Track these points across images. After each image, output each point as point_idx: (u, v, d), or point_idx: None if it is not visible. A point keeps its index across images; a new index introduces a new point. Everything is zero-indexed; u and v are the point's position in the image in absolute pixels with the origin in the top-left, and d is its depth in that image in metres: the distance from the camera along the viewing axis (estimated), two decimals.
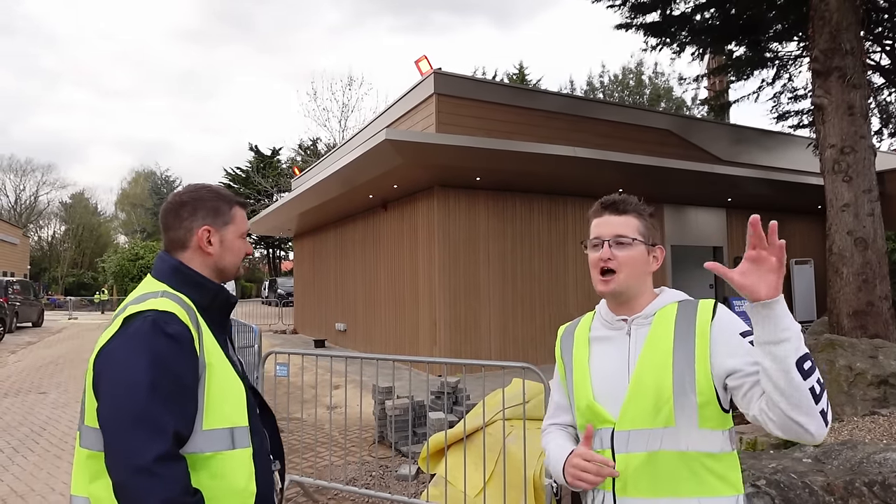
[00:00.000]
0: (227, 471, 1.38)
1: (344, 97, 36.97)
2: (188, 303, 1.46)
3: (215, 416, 1.39)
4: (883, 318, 6.67)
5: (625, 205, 1.53)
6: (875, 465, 3.23)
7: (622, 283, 1.48)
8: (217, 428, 1.39)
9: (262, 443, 1.52)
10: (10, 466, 5.37)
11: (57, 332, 19.88)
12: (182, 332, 1.36)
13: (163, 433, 1.28)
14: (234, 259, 1.59)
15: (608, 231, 1.50)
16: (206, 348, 1.43)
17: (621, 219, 1.51)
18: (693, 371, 1.39)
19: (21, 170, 51.86)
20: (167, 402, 1.30)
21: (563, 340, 1.65)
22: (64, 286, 46.56)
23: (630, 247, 1.48)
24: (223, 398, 1.42)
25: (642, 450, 1.39)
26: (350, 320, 12.97)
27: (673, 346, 1.42)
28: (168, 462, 1.27)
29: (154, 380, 1.30)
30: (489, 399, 4.27)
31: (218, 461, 1.37)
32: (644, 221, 1.53)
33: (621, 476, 1.41)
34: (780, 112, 13.58)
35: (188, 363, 1.36)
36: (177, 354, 1.34)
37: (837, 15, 6.91)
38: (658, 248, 1.54)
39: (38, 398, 8.53)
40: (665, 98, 36.02)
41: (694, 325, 1.43)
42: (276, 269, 46.32)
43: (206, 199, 1.56)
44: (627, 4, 10.09)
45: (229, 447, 1.40)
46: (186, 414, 1.34)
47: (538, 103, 10.63)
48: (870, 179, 6.89)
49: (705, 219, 12.34)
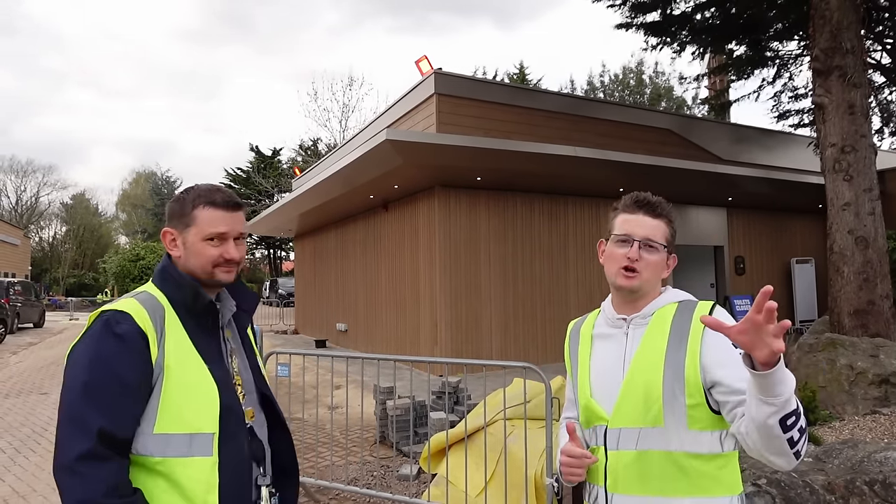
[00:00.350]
0: (181, 479, 1.33)
1: (344, 97, 36.91)
2: (162, 302, 1.44)
3: (170, 421, 1.35)
4: (884, 317, 6.67)
5: (661, 208, 1.52)
6: (876, 464, 3.23)
7: (644, 283, 1.49)
8: (171, 433, 1.34)
9: (238, 454, 1.41)
10: (12, 467, 5.38)
11: (58, 332, 19.89)
12: (130, 332, 1.34)
13: (87, 432, 1.26)
14: (197, 262, 1.48)
15: (640, 231, 1.49)
16: (167, 350, 1.38)
17: (654, 222, 1.50)
18: (683, 373, 1.39)
19: (22, 171, 51.93)
20: (98, 401, 1.29)
21: (571, 337, 1.67)
22: (65, 287, 46.60)
23: (656, 251, 1.49)
24: (183, 402, 1.36)
25: (632, 448, 1.41)
26: (351, 320, 12.97)
27: (666, 347, 1.42)
28: (90, 461, 1.25)
29: (90, 379, 1.31)
30: (490, 399, 4.28)
31: (170, 467, 1.33)
32: (671, 229, 1.53)
33: (612, 472, 1.43)
34: (780, 111, 13.59)
35: (133, 363, 1.33)
36: (121, 355, 1.33)
37: (838, 14, 6.91)
38: (672, 257, 1.55)
39: (40, 399, 8.54)
40: (665, 97, 36.00)
41: (689, 327, 1.43)
42: (276, 269, 46.34)
43: (180, 200, 1.52)
44: (628, 4, 10.10)
45: (184, 454, 1.34)
46: (122, 414, 1.30)
47: (539, 103, 10.62)
48: (870, 178, 6.89)
49: (706, 218, 12.34)
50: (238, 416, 1.45)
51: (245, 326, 1.64)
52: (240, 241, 1.53)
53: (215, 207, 1.49)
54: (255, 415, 1.55)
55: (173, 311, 1.45)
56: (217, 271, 1.49)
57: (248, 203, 35.50)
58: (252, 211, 31.80)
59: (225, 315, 1.56)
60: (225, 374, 1.47)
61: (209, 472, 1.35)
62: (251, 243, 43.15)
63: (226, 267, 1.50)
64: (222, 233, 1.48)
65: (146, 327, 1.37)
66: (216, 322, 1.51)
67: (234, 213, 1.51)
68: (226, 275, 1.50)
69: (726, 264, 12.59)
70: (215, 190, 1.53)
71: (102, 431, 1.27)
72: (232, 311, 1.58)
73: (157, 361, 1.37)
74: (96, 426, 1.27)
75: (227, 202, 1.51)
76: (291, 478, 1.64)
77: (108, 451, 1.27)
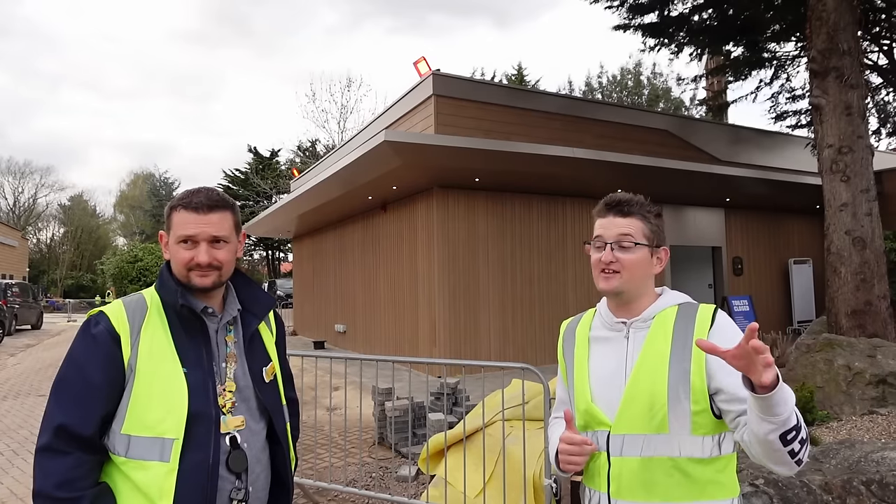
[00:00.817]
0: (137, 480, 1.35)
1: (343, 98, 36.96)
2: (148, 303, 1.46)
3: (134, 422, 1.36)
4: (881, 318, 6.68)
5: (629, 206, 1.49)
6: (872, 464, 3.24)
7: (624, 284, 1.46)
8: (135, 434, 1.36)
9: (202, 462, 1.37)
10: (10, 469, 5.38)
11: (56, 334, 19.85)
12: (102, 332, 1.40)
13: (49, 427, 1.33)
14: (174, 266, 1.48)
15: (611, 233, 1.47)
16: (140, 351, 1.39)
17: (625, 220, 1.48)
18: (688, 379, 1.37)
19: (20, 172, 51.85)
20: (63, 398, 1.36)
21: (565, 337, 1.64)
22: (63, 288, 46.52)
23: (632, 250, 1.46)
24: (147, 405, 1.36)
25: (636, 454, 1.40)
26: (349, 322, 12.97)
27: (670, 352, 1.40)
28: (48, 454, 1.32)
29: (61, 377, 1.39)
30: (489, 400, 4.28)
31: (129, 468, 1.35)
32: (648, 224, 1.49)
33: (615, 479, 1.42)
34: (778, 112, 13.61)
35: (99, 363, 1.37)
36: (90, 354, 1.39)
37: (835, 15, 6.93)
38: (662, 250, 1.51)
39: (38, 401, 8.52)
40: (663, 98, 36.04)
41: (692, 332, 1.41)
42: (275, 270, 46.28)
43: (170, 204, 1.55)
44: (625, 5, 10.12)
45: (142, 457, 1.35)
46: (82, 412, 1.34)
47: (537, 104, 10.64)
48: (868, 179, 6.91)
49: (704, 219, 12.36)
50: (209, 424, 1.40)
51: (252, 330, 1.58)
52: (219, 244, 1.47)
53: (187, 210, 1.47)
54: (249, 424, 1.49)
55: (163, 313, 1.46)
56: (191, 275, 1.46)
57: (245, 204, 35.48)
58: (250, 212, 31.78)
59: (224, 318, 1.54)
60: (205, 378, 1.43)
61: (164, 478, 1.34)
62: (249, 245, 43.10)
63: (199, 271, 1.46)
64: (190, 235, 1.45)
65: (120, 328, 1.40)
66: (204, 325, 1.49)
67: (206, 215, 1.46)
68: (200, 279, 1.46)
69: (724, 265, 12.61)
70: (195, 192, 1.50)
71: (61, 427, 1.32)
72: (233, 315, 1.56)
73: (129, 362, 1.39)
74: (56, 422, 1.33)
75: (200, 205, 1.46)
76: (283, 492, 1.58)
77: (67, 446, 1.32)
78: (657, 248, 1.50)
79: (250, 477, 1.46)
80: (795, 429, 1.22)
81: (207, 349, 1.48)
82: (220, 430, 1.42)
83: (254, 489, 1.47)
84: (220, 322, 1.53)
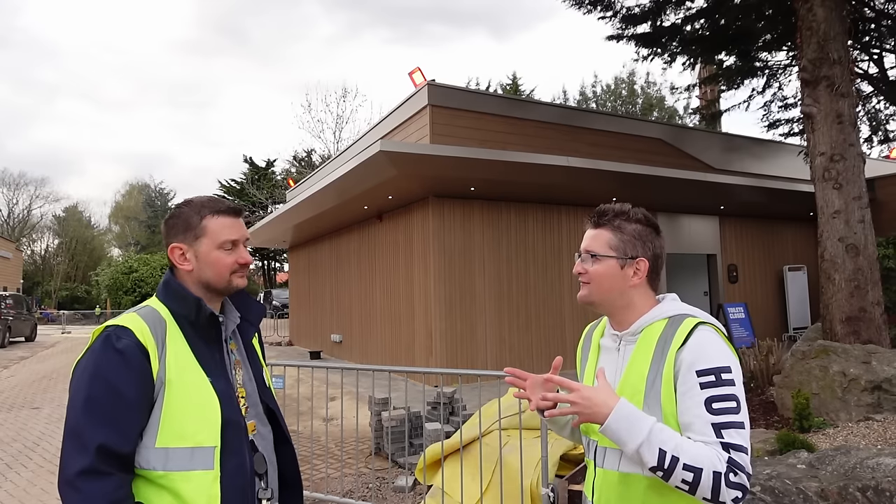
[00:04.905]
0: (183, 492, 1.34)
1: (338, 109, 37.17)
2: (163, 316, 1.45)
3: (171, 434, 1.36)
4: (875, 324, 6.71)
5: (601, 217, 1.49)
6: (868, 471, 3.25)
7: (591, 295, 1.48)
8: (173, 446, 1.35)
9: (240, 467, 1.42)
10: (4, 483, 5.33)
11: (50, 346, 19.73)
12: (130, 346, 1.35)
13: (87, 448, 1.28)
14: (214, 272, 1.50)
15: (584, 244, 1.51)
16: (168, 364, 1.39)
17: (594, 232, 1.50)
18: (659, 400, 1.35)
19: (14, 183, 51.73)
20: (98, 416, 1.30)
21: (584, 340, 1.66)
22: (57, 300, 46.26)
23: (599, 261, 1.46)
24: (184, 416, 1.37)
25: (615, 468, 1.41)
26: (346, 331, 12.94)
27: (647, 373, 1.38)
28: (90, 477, 1.26)
29: (90, 395, 1.32)
30: (485, 409, 4.28)
31: (172, 481, 1.34)
32: (618, 234, 1.46)
33: (598, 489, 1.45)
34: (770, 120, 13.68)
35: (132, 378, 1.34)
36: (120, 369, 1.34)
37: (825, 25, 7.00)
38: (639, 261, 1.46)
39: (32, 413, 8.46)
40: (657, 107, 36.29)
41: (667, 351, 1.37)
42: (271, 280, 46.19)
43: (181, 214, 1.53)
44: (618, 16, 10.19)
45: (186, 468, 1.35)
46: (123, 429, 1.32)
47: (531, 114, 10.70)
48: (859, 186, 6.95)
49: (698, 227, 12.42)
50: (240, 430, 1.45)
51: (250, 338, 1.63)
52: (246, 245, 1.57)
53: (224, 215, 1.53)
54: (258, 428, 1.54)
55: (176, 324, 1.46)
56: (234, 277, 1.53)
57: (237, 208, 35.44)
58: (246, 222, 31.75)
59: (228, 327, 1.57)
60: (227, 386, 1.47)
61: (210, 486, 1.36)
62: None
63: (241, 272, 1.54)
64: (235, 239, 1.52)
65: (146, 342, 1.38)
66: (219, 334, 1.52)
67: (241, 218, 1.55)
68: (241, 280, 1.54)
69: (719, 272, 12.66)
70: (216, 199, 1.56)
71: (102, 447, 1.28)
72: (236, 323, 1.59)
73: (158, 375, 1.38)
74: (96, 442, 1.28)
75: (233, 209, 1.55)
76: (295, 492, 1.64)
77: (109, 466, 1.28)
78: (632, 260, 1.46)
79: (267, 479, 1.53)
80: (659, 468, 1.23)
81: (223, 357, 1.51)
82: (248, 434, 1.48)
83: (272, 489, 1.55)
84: (228, 330, 1.57)
